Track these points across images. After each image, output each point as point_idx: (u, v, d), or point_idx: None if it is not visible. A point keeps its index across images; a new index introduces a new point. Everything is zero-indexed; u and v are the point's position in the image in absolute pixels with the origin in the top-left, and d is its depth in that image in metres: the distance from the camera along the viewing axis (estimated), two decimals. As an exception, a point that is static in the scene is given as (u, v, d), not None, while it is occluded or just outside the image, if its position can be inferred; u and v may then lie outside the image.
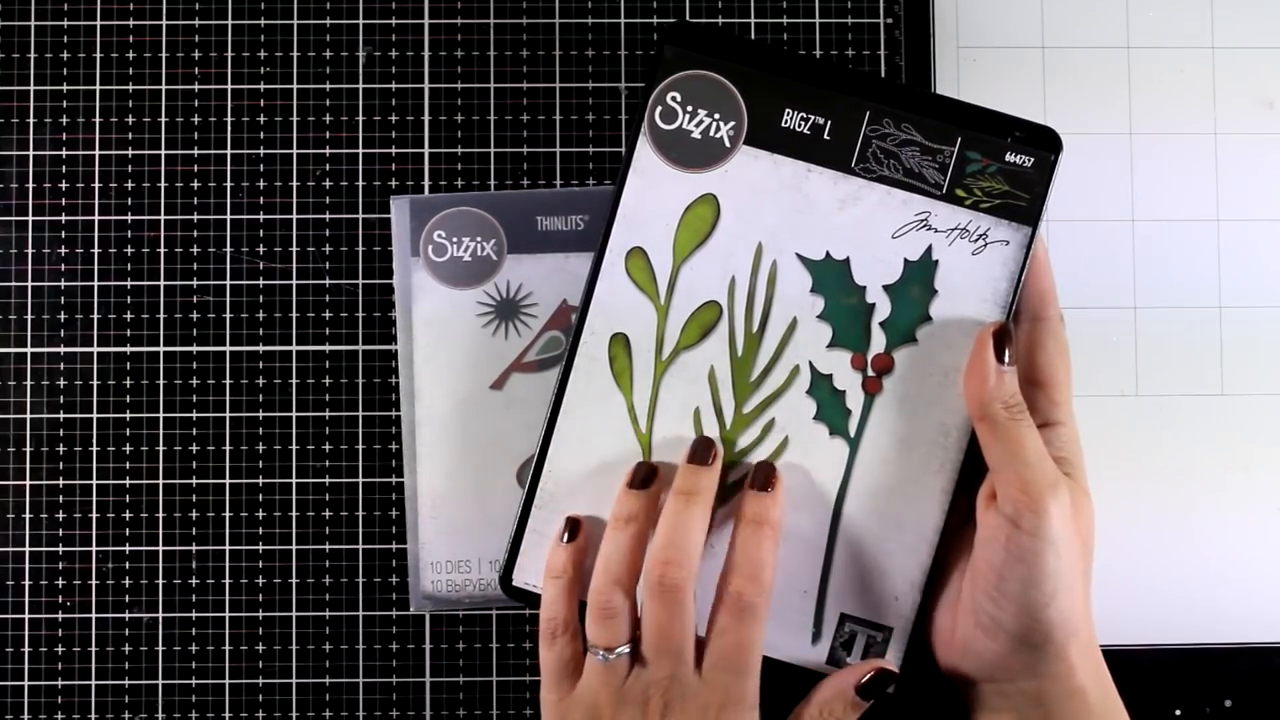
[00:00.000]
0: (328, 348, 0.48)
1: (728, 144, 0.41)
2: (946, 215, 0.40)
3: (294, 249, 0.48)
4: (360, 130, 0.48)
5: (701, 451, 0.40)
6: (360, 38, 0.48)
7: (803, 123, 0.40)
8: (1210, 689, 0.47)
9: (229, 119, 0.48)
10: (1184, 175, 0.48)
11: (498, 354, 0.44)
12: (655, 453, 0.41)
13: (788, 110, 0.40)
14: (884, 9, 0.49)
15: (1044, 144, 0.40)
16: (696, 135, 0.41)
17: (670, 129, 0.41)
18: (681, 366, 0.41)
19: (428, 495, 0.45)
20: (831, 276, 0.41)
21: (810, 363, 0.41)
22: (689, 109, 0.41)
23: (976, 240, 0.40)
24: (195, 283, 0.48)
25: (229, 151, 0.48)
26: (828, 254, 0.41)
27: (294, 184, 0.48)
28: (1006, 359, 0.38)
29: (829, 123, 0.40)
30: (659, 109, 0.41)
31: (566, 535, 0.40)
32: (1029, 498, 0.37)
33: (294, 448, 0.48)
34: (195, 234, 0.48)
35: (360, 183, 0.48)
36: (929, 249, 0.40)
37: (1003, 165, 0.40)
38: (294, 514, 0.48)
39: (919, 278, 0.40)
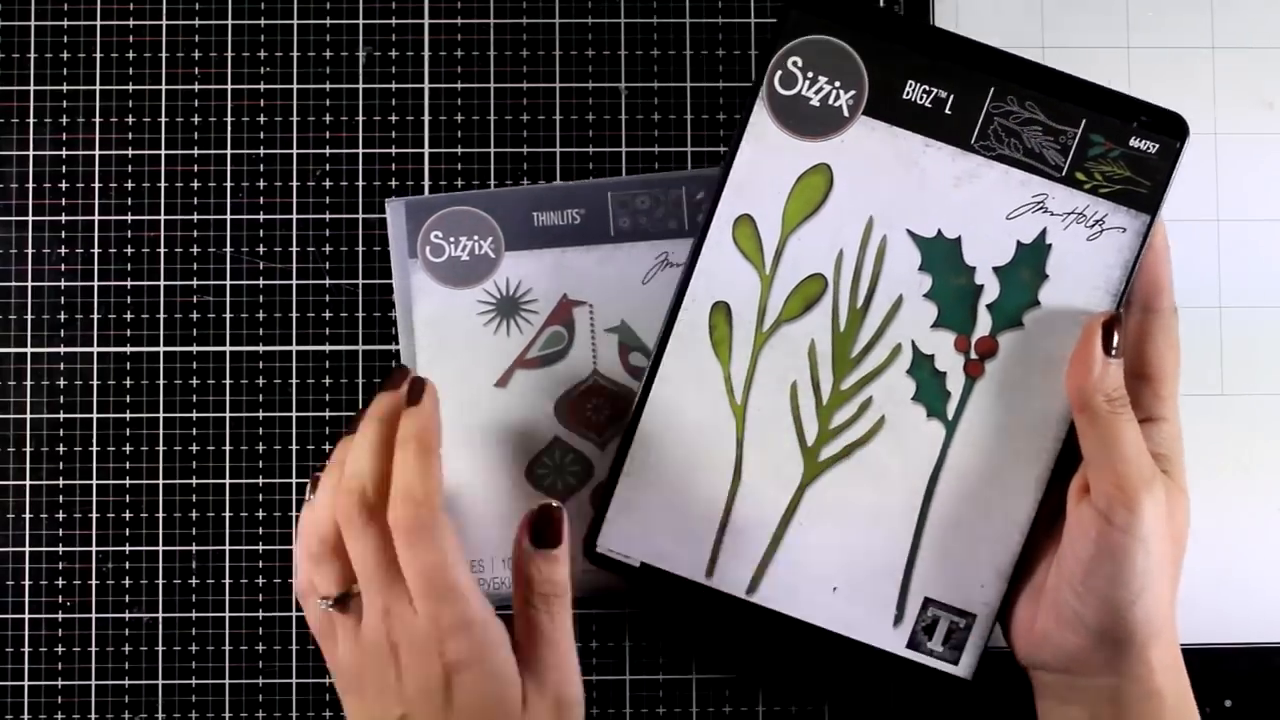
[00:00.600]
0: (328, 348, 0.48)
1: (846, 113, 0.40)
2: (1064, 198, 0.40)
3: (294, 249, 0.48)
4: (360, 130, 0.48)
5: (396, 378, 0.40)
6: (360, 38, 0.48)
7: (925, 95, 0.40)
8: (1210, 689, 0.47)
9: (229, 119, 0.48)
10: (1184, 175, 0.48)
11: (500, 352, 0.43)
12: (749, 426, 0.40)
13: (910, 82, 0.40)
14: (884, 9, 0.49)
15: (1170, 130, 0.39)
16: (815, 102, 0.40)
17: (789, 95, 0.40)
18: (782, 339, 0.40)
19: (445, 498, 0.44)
20: (941, 255, 0.40)
21: (913, 342, 0.40)
22: (809, 75, 0.40)
23: (1093, 226, 0.40)
24: (195, 283, 0.48)
25: (229, 151, 0.48)
26: (939, 232, 0.40)
27: (294, 184, 0.48)
28: (1114, 350, 0.38)
29: (951, 97, 0.39)
30: (779, 73, 0.40)
31: (309, 492, 0.40)
32: (1123, 493, 0.36)
33: (294, 448, 0.48)
34: (195, 234, 0.48)
35: (360, 183, 0.48)
36: (1043, 232, 0.40)
37: (1126, 150, 0.39)
38: (294, 514, 0.48)
39: (1031, 261, 0.40)
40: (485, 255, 0.43)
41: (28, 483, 0.48)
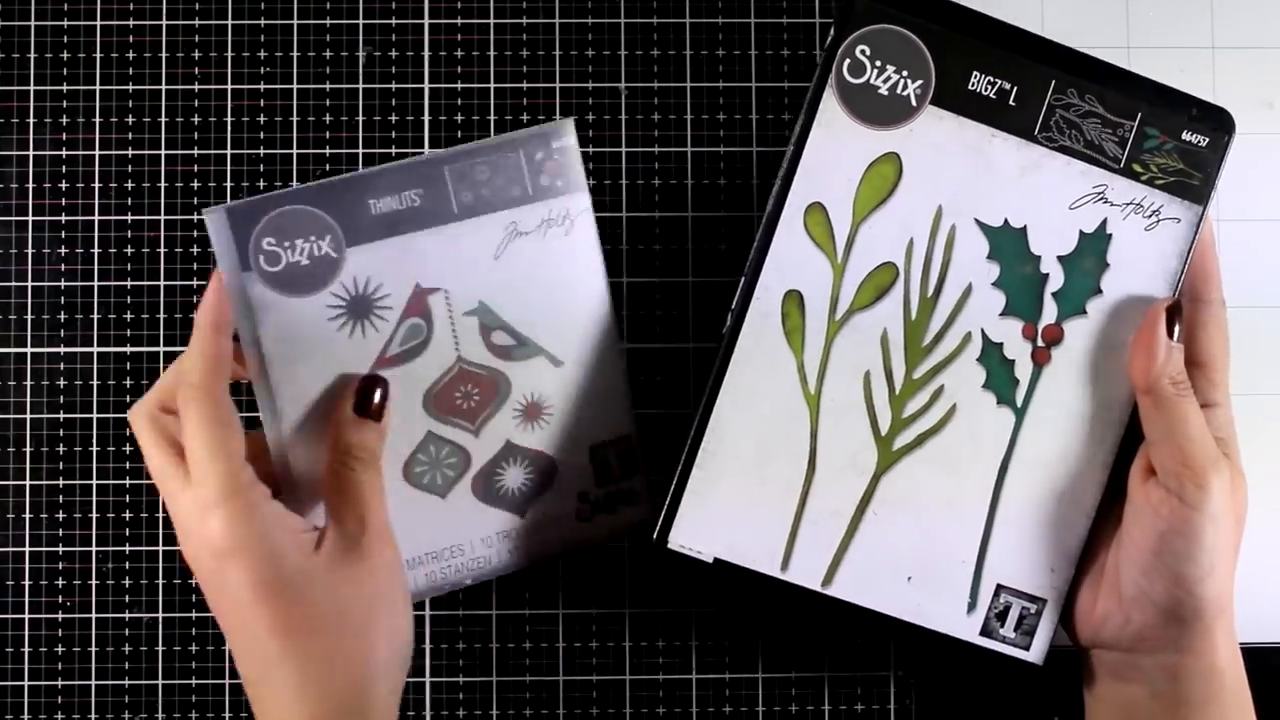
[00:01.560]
0: (328, 348, 0.48)
1: (914, 102, 0.40)
2: (1123, 189, 0.40)
3: (294, 249, 0.48)
4: (360, 130, 0.48)
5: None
6: (360, 38, 0.48)
7: (989, 86, 0.40)
8: (1210, 689, 0.47)
9: (229, 119, 0.48)
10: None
11: (358, 354, 0.41)
12: (823, 415, 0.41)
13: (975, 73, 0.40)
14: (884, 9, 0.49)
15: (1220, 124, 0.41)
16: (884, 91, 0.40)
17: (857, 83, 0.40)
18: (854, 328, 0.41)
19: (320, 512, 0.42)
20: (1009, 244, 0.41)
21: (982, 330, 0.41)
22: (877, 64, 0.40)
23: (1150, 216, 0.40)
24: (195, 283, 0.48)
25: (229, 151, 0.48)
26: (1006, 221, 0.41)
27: (294, 184, 0.48)
28: (1176, 335, 0.39)
29: (1015, 88, 0.40)
30: (848, 61, 0.40)
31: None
32: (1193, 471, 0.37)
33: (294, 448, 0.48)
34: (195, 234, 0.48)
35: (360, 183, 0.48)
36: (1104, 222, 0.41)
37: (1179, 143, 0.40)
38: (294, 514, 0.48)
39: (1093, 250, 0.41)
40: (326, 255, 0.40)
41: (28, 483, 0.48)
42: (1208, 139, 0.40)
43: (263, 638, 0.36)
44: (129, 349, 0.48)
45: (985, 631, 0.41)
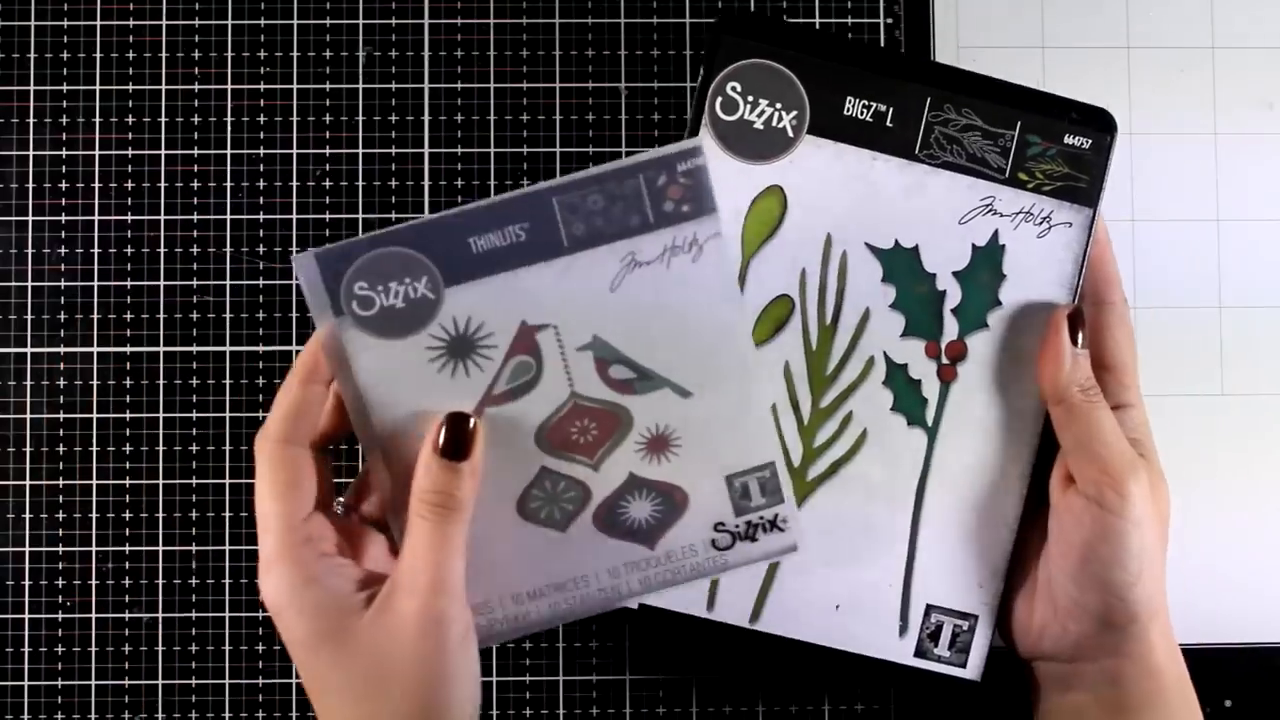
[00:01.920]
0: (328, 348, 0.48)
1: (791, 134, 0.40)
2: (1010, 199, 0.40)
3: (294, 249, 0.48)
4: (360, 130, 0.48)
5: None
6: (360, 38, 0.48)
7: (865, 110, 0.40)
8: (1210, 689, 0.47)
9: (229, 119, 0.48)
10: (1184, 175, 0.48)
11: (462, 394, 0.38)
12: None
13: (850, 98, 0.40)
14: (884, 9, 0.49)
15: (1100, 125, 0.41)
16: (759, 125, 0.40)
17: (731, 120, 0.40)
18: (756, 363, 0.40)
19: None
20: (902, 265, 0.41)
21: (885, 353, 0.41)
22: (750, 99, 0.40)
23: (1040, 223, 0.41)
24: (195, 283, 0.48)
25: (229, 151, 0.48)
26: (896, 242, 0.41)
27: (294, 184, 0.48)
28: (1080, 342, 0.39)
29: (891, 109, 0.40)
30: (719, 99, 0.40)
31: None
32: (1111, 478, 0.37)
33: (294, 448, 0.48)
34: (195, 234, 0.48)
35: (360, 183, 0.48)
36: (995, 233, 0.41)
37: (1062, 147, 0.40)
38: (294, 514, 0.48)
39: (988, 263, 0.41)
40: (424, 297, 0.37)
41: (28, 483, 0.48)
42: (1090, 141, 0.40)
43: (312, 692, 0.36)
44: (129, 349, 0.48)
45: (919, 653, 0.41)
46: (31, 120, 0.48)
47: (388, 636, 0.35)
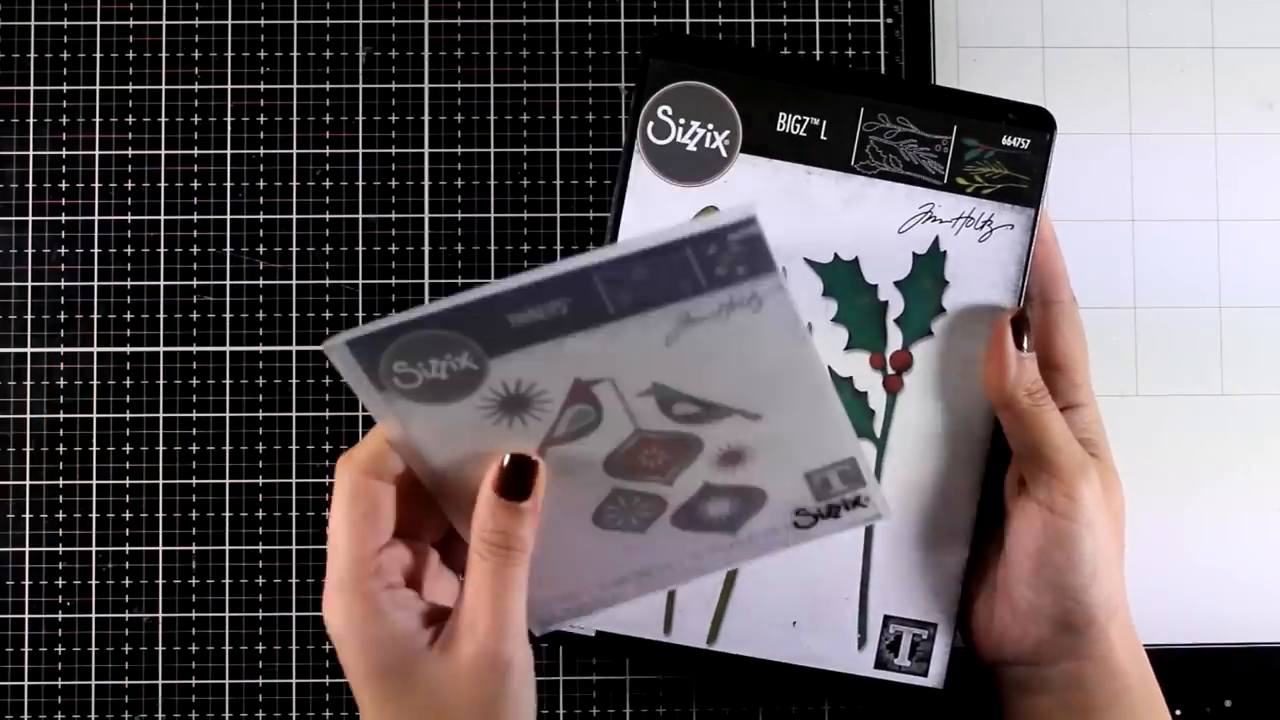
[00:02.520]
0: (328, 348, 0.48)
1: (724, 154, 0.40)
2: (950, 205, 0.40)
3: (294, 249, 0.48)
4: (360, 130, 0.48)
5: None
6: (360, 38, 0.48)
7: (798, 125, 0.40)
8: (1210, 689, 0.47)
9: (229, 119, 0.48)
10: (1184, 175, 0.48)
11: (525, 441, 0.36)
12: None
13: (781, 114, 0.40)
14: (884, 9, 0.49)
15: (1038, 124, 0.40)
16: (692, 147, 0.40)
17: (664, 144, 0.40)
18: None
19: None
20: (842, 278, 0.41)
21: (829, 367, 0.41)
22: (681, 121, 0.40)
23: (982, 227, 0.40)
24: (195, 283, 0.48)
25: (229, 151, 0.48)
26: (836, 256, 0.41)
27: (294, 184, 0.48)
28: (1025, 345, 0.38)
29: (824, 123, 0.40)
30: (650, 124, 0.40)
31: None
32: (1061, 482, 0.37)
33: (294, 448, 0.48)
34: (195, 234, 0.48)
35: (360, 183, 0.48)
36: (936, 240, 0.40)
37: (1000, 149, 0.40)
38: (294, 514, 0.48)
39: (929, 270, 0.40)
40: (468, 369, 0.35)
41: (28, 483, 0.48)
42: (1029, 140, 0.40)
43: (373, 717, 0.36)
44: (129, 349, 0.48)
45: (880, 664, 0.41)
46: (31, 120, 0.48)
47: (448, 677, 0.35)
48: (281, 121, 0.48)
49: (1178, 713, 0.47)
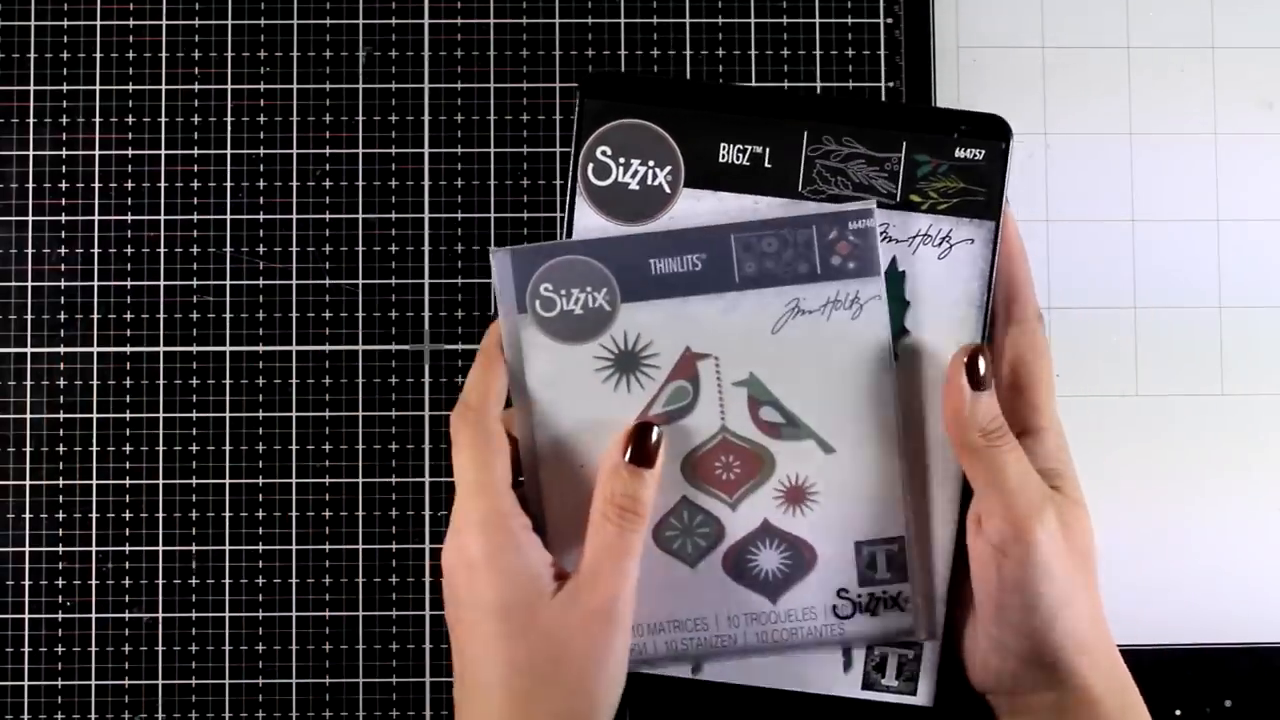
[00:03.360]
0: (328, 348, 0.48)
1: (668, 189, 0.39)
2: (904, 224, 0.39)
3: (294, 249, 0.48)
4: (360, 130, 0.48)
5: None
6: (360, 38, 0.48)
7: (741, 154, 0.39)
8: (1210, 689, 0.47)
9: (229, 119, 0.48)
10: (1184, 175, 0.48)
11: (622, 409, 0.39)
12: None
13: (723, 144, 0.39)
14: (884, 9, 0.49)
15: (992, 133, 0.39)
16: (635, 186, 0.39)
17: (606, 185, 0.39)
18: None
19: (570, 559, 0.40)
20: None
21: None
22: (621, 160, 0.39)
23: (940, 244, 0.39)
24: (195, 283, 0.48)
25: (229, 151, 0.48)
26: None
27: (294, 184, 0.48)
28: (982, 378, 0.38)
29: (767, 150, 0.39)
30: (591, 166, 0.39)
31: None
32: (1013, 527, 0.36)
33: (294, 448, 0.48)
34: (195, 234, 0.48)
35: (360, 183, 0.48)
36: (893, 261, 0.39)
37: (954, 163, 0.39)
38: (294, 514, 0.48)
39: (888, 293, 0.39)
40: (600, 308, 0.39)
41: (28, 483, 0.48)
42: (983, 151, 0.39)
43: (489, 657, 0.37)
44: (129, 349, 0.48)
45: (867, 685, 0.40)
46: (31, 120, 0.48)
47: (567, 625, 0.36)
48: (281, 121, 0.48)
49: (1177, 713, 0.47)
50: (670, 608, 0.40)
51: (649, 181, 0.39)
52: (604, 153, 0.39)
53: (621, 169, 0.39)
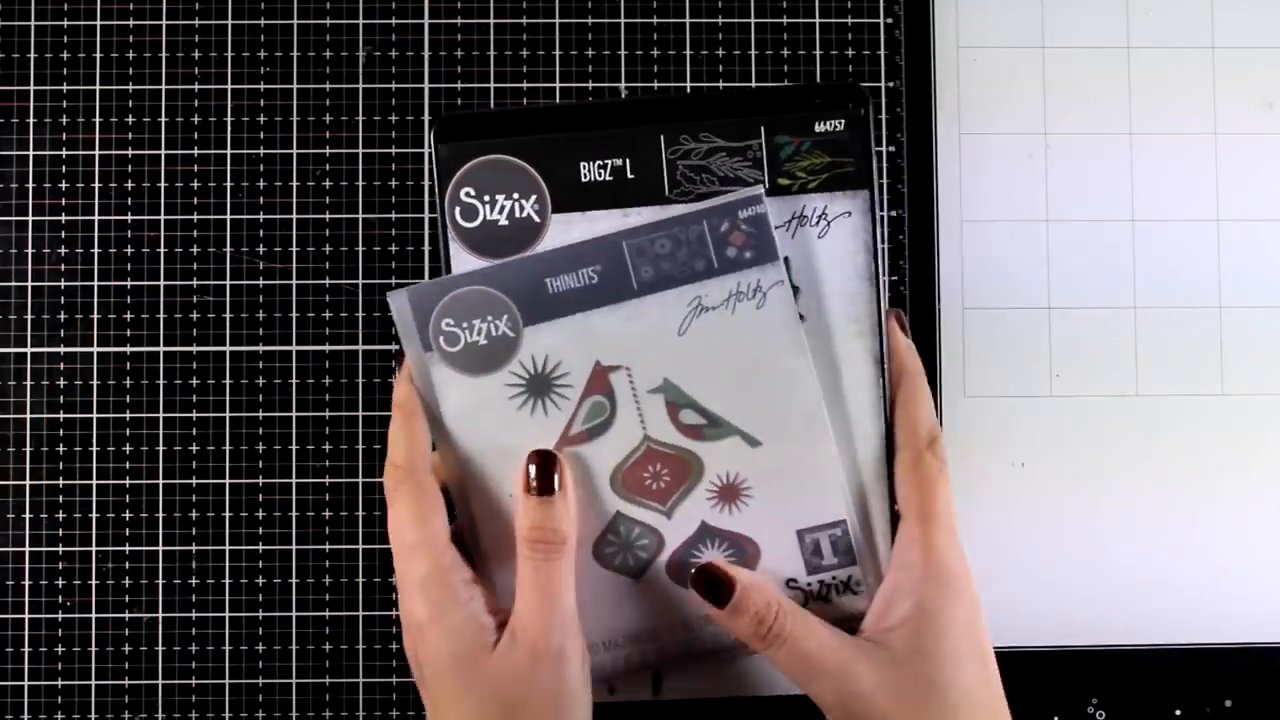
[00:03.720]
0: (328, 348, 0.48)
1: (537, 218, 0.39)
2: (778, 209, 0.38)
3: (294, 249, 0.48)
4: (360, 130, 0.48)
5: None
6: (360, 38, 0.48)
7: (602, 170, 0.39)
8: (1210, 689, 0.47)
9: (229, 119, 0.48)
10: (1184, 175, 0.48)
11: (542, 433, 0.39)
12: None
13: (583, 164, 0.39)
14: (884, 9, 0.49)
15: (849, 99, 0.38)
16: (504, 221, 0.39)
17: (475, 225, 0.39)
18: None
19: (507, 595, 0.39)
20: None
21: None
22: (486, 199, 0.39)
23: (818, 223, 0.38)
24: (195, 283, 0.48)
25: (229, 151, 0.48)
26: None
27: (294, 184, 0.48)
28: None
29: (627, 160, 0.39)
30: (457, 209, 0.39)
31: None
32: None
33: (294, 448, 0.48)
34: (195, 234, 0.48)
35: (360, 183, 0.48)
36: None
37: (815, 137, 0.38)
38: (294, 514, 0.48)
39: None
40: (504, 335, 0.39)
41: (28, 483, 0.48)
42: (843, 120, 0.38)
43: (452, 713, 0.36)
44: (129, 349, 0.48)
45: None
46: (31, 120, 0.48)
47: (511, 674, 0.36)
48: (281, 121, 0.48)
49: (1178, 713, 0.47)
50: (622, 623, 0.40)
51: (517, 214, 0.39)
52: (468, 193, 0.39)
53: (488, 207, 0.39)
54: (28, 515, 0.48)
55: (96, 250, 0.48)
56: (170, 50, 0.48)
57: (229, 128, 0.48)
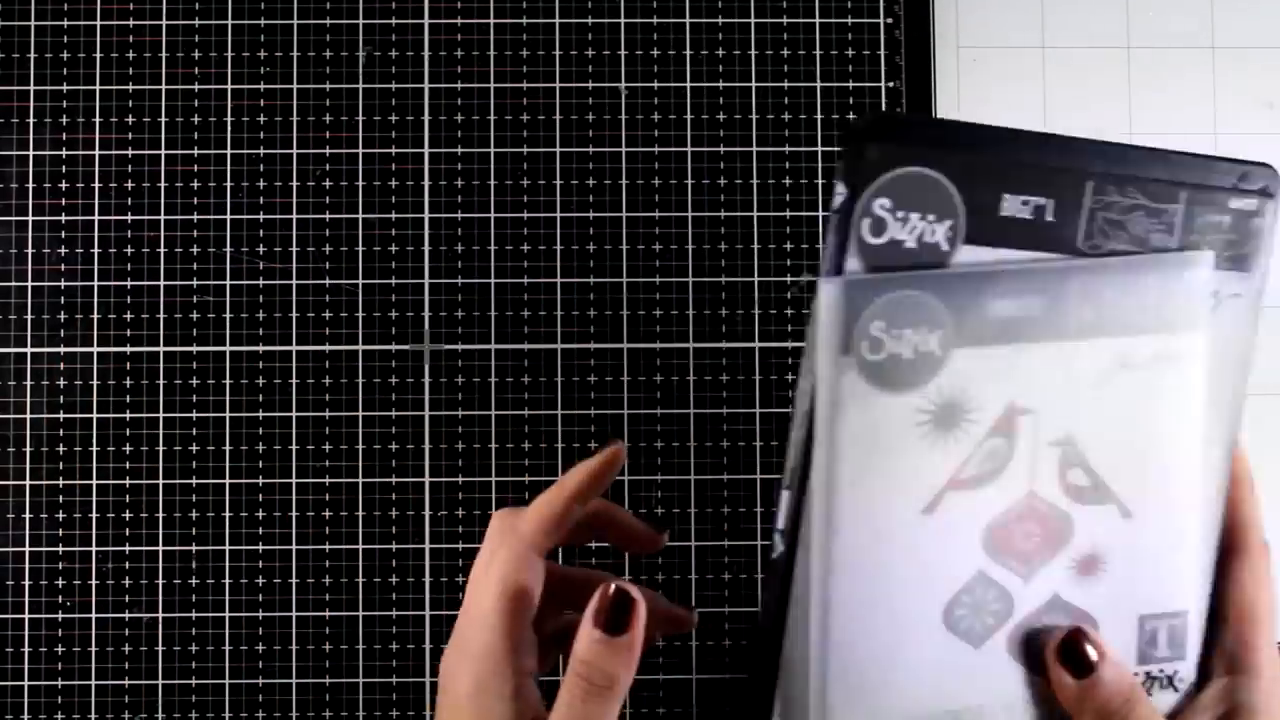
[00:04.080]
0: (328, 348, 0.48)
1: (945, 246, 0.34)
2: None
3: (294, 249, 0.48)
4: (360, 130, 0.48)
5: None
6: (360, 38, 0.48)
7: (1024, 206, 0.35)
8: (1210, 689, 0.47)
9: (229, 119, 0.48)
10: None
11: (933, 469, 0.35)
12: None
13: (1006, 196, 0.35)
14: (884, 9, 0.49)
15: (1267, 181, 0.36)
16: (911, 244, 0.34)
17: (880, 243, 0.34)
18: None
19: (841, 650, 0.35)
20: None
21: None
22: (899, 215, 0.34)
23: (1211, 298, 0.37)
24: (195, 283, 0.48)
25: (229, 151, 0.48)
26: None
27: (294, 184, 0.48)
28: (1088, 663, 0.35)
29: (1051, 202, 0.35)
30: (867, 221, 0.33)
31: None
32: None
33: (294, 448, 0.48)
34: (195, 234, 0.48)
35: (360, 183, 0.48)
36: None
37: (1227, 213, 0.36)
38: (294, 514, 0.48)
39: None
40: (931, 352, 0.34)
41: (28, 483, 0.48)
42: (1255, 201, 0.36)
43: None
44: (129, 349, 0.48)
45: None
46: (31, 120, 0.48)
47: None
48: (281, 121, 0.48)
49: (1178, 713, 0.47)
50: (949, 695, 0.36)
51: (926, 238, 0.34)
52: (883, 205, 0.34)
53: (899, 224, 0.34)
54: (28, 515, 0.48)
55: (96, 250, 0.48)
56: (170, 50, 0.48)
57: (229, 128, 0.48)
